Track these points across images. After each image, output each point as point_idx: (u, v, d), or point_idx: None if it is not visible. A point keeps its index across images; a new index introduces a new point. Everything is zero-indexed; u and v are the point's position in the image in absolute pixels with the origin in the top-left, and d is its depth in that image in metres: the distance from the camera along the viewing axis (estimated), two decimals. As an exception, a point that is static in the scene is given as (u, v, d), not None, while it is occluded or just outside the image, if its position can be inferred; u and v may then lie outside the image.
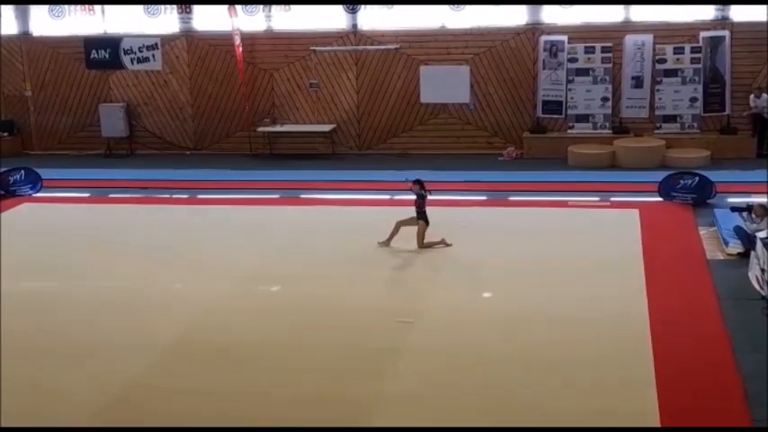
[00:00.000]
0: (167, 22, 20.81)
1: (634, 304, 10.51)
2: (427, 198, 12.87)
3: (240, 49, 20.08)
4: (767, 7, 18.13)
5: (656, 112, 19.07)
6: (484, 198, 16.08)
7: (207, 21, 20.58)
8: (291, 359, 9.41)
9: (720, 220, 13.43)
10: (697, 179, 15.03)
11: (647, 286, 11.10)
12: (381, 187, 16.58)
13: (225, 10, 19.84)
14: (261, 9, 20.29)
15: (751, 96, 18.45)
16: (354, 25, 20.03)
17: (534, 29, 19.39)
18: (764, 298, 10.32)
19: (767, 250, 10.40)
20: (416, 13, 19.62)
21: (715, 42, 18.78)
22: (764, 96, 18.33)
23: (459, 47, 19.61)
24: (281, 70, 20.52)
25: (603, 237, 13.36)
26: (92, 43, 21.02)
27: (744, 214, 12.72)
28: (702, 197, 14.90)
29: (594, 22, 19.30)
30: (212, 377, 9.04)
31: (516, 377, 8.83)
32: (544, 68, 19.37)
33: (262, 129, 20.52)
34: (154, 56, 20.86)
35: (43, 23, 21.43)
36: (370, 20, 19.98)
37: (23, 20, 21.44)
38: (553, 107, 19.50)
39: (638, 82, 19.05)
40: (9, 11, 21.28)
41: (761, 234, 11.12)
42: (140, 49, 20.83)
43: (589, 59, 19.25)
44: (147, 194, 17.12)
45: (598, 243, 13.02)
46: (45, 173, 17.70)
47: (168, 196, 17.11)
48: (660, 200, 15.16)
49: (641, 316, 10.15)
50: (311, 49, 20.16)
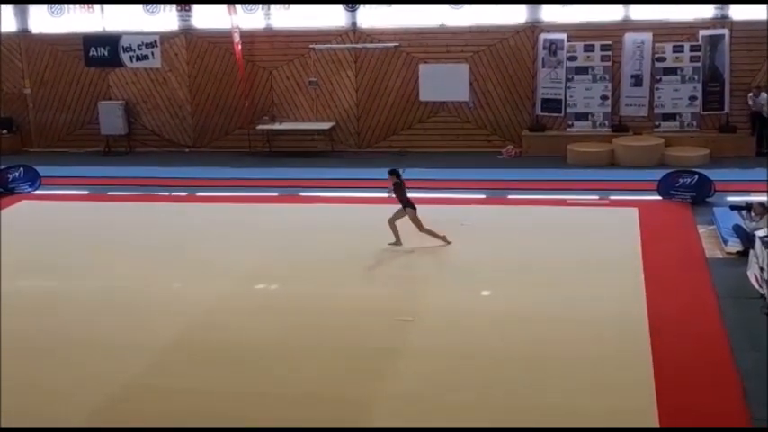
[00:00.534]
0: (166, 19, 20.79)
1: (633, 303, 10.52)
2: (404, 182, 12.73)
3: (239, 47, 20.07)
4: (767, 6, 18.13)
5: (656, 110, 19.08)
6: (483, 196, 16.07)
7: (206, 19, 20.57)
8: (291, 359, 9.40)
9: (719, 218, 13.44)
10: (696, 178, 15.05)
11: (645, 285, 11.11)
12: (380, 185, 16.50)
13: (224, 8, 19.82)
14: (260, 7, 20.28)
15: (749, 95, 18.47)
16: (354, 23, 20.03)
17: (534, 27, 19.39)
18: (763, 296, 10.33)
19: (766, 249, 10.40)
20: (416, 12, 19.63)
21: (714, 41, 18.78)
22: (763, 95, 18.33)
23: (459, 45, 19.61)
24: (280, 68, 20.52)
25: (602, 235, 13.36)
26: (91, 41, 21.01)
27: (743, 213, 12.70)
28: (701, 196, 14.91)
29: (594, 20, 19.28)
30: (212, 377, 9.04)
31: (516, 377, 8.83)
32: (543, 67, 19.37)
33: (261, 127, 20.52)
34: (153, 54, 20.84)
35: (42, 21, 21.42)
36: (369, 18, 19.97)
37: (22, 17, 21.42)
38: (552, 105, 19.51)
39: (637, 80, 19.05)
40: (8, 9, 21.25)
41: (760, 233, 11.11)
42: (139, 47, 20.82)
43: (588, 58, 19.27)
44: (146, 192, 17.12)
45: (597, 241, 13.03)
46: (44, 170, 17.73)
47: (167, 194, 17.11)
48: (659, 198, 15.17)
49: (640, 315, 10.15)
50: (311, 47, 20.16)
